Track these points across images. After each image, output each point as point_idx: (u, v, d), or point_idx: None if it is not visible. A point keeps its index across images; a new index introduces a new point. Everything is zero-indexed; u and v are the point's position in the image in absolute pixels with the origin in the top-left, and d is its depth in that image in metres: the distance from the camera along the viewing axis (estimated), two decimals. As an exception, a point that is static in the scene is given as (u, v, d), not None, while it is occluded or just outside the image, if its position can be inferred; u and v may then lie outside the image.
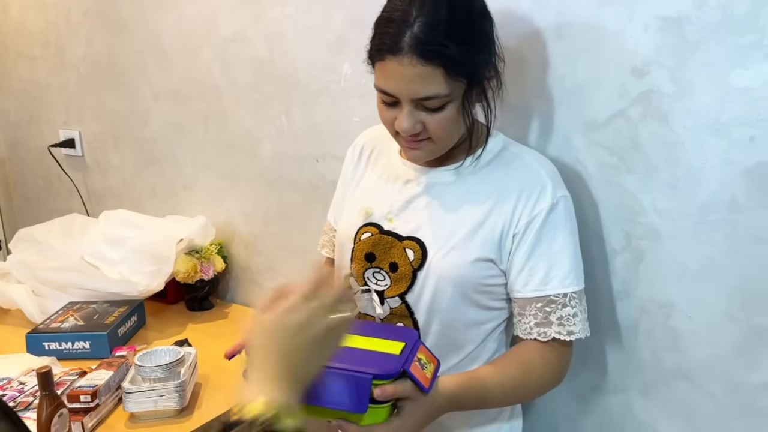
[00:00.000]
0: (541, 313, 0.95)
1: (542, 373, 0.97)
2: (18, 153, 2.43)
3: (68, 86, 2.10)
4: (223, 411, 1.17)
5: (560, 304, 0.94)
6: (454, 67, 0.85)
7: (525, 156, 1.00)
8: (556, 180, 0.97)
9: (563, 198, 0.96)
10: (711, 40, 0.92)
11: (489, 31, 0.91)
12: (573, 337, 0.95)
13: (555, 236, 0.95)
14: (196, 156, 1.76)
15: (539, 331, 0.95)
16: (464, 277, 0.96)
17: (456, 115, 0.90)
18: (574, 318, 0.95)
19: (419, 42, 0.84)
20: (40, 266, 1.61)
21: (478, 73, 0.90)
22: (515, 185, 0.96)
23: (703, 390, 1.04)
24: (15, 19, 2.21)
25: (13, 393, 1.17)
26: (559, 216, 0.95)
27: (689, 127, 0.96)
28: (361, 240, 1.04)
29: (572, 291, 0.95)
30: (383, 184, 1.06)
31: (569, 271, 0.95)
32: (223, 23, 1.58)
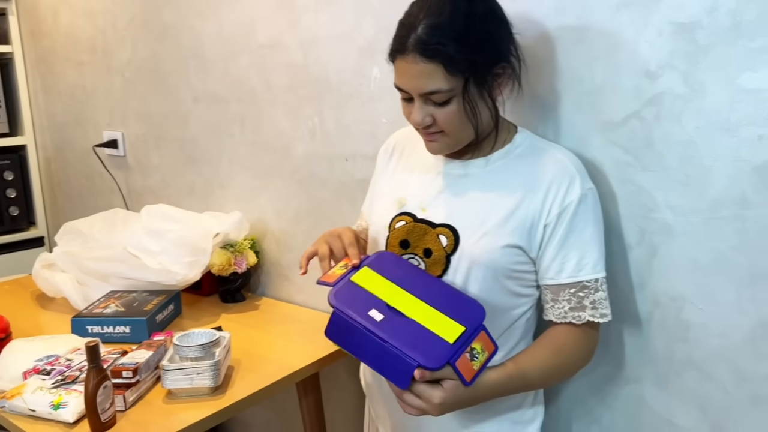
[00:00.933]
0: (575, 298, 1.02)
1: (575, 353, 1.04)
2: (63, 153, 2.56)
3: (113, 90, 2.22)
4: (255, 391, 1.25)
5: (593, 288, 1.02)
6: (452, 63, 0.93)
7: (553, 150, 1.06)
8: (583, 173, 1.04)
9: (590, 190, 1.03)
10: (722, 44, 0.97)
11: (494, 32, 0.98)
12: (605, 319, 1.03)
13: (585, 226, 1.01)
14: (232, 156, 1.85)
15: (574, 315, 1.02)
16: (495, 262, 1.01)
17: (462, 109, 0.97)
18: (605, 301, 1.03)
19: (421, 42, 0.93)
20: (84, 257, 1.71)
21: (478, 70, 0.95)
22: (545, 177, 1.02)
23: (713, 380, 1.07)
24: (65, 26, 2.34)
25: (61, 368, 1.26)
26: (588, 207, 1.01)
27: (701, 127, 1.01)
28: (395, 228, 1.10)
29: (602, 276, 1.02)
30: (416, 177, 1.13)
31: (599, 258, 1.02)
32: (261, 30, 1.67)
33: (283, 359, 1.39)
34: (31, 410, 1.15)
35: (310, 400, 1.50)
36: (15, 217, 2.58)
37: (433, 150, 1.06)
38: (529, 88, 1.18)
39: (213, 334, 1.28)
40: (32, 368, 1.27)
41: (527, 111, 1.19)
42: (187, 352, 1.23)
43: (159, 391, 1.25)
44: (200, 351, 1.23)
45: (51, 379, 1.21)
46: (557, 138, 1.16)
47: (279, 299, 1.79)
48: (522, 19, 1.15)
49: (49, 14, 2.40)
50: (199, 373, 1.21)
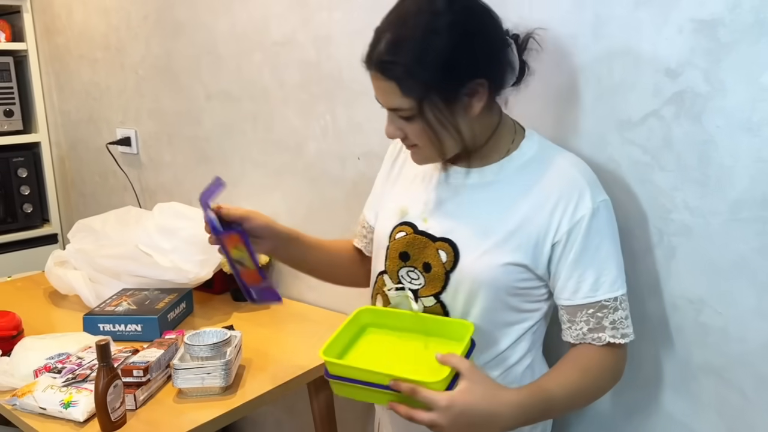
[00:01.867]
0: (593, 319, 0.96)
1: (600, 375, 0.98)
2: (77, 151, 2.57)
3: (126, 87, 2.22)
4: (266, 391, 1.24)
5: (612, 308, 0.96)
6: (406, 85, 0.89)
7: (561, 160, 1.00)
8: (595, 184, 0.98)
9: (603, 203, 0.97)
10: (744, 42, 0.95)
11: (462, 47, 0.89)
12: (627, 339, 0.97)
13: (600, 242, 0.96)
14: (244, 154, 1.84)
15: (593, 336, 0.97)
16: (497, 281, 0.97)
17: (424, 128, 0.93)
18: (626, 320, 0.97)
19: (379, 58, 0.91)
20: (96, 254, 1.71)
21: (435, 93, 0.90)
22: (552, 191, 0.96)
23: (732, 386, 1.05)
24: (79, 24, 2.35)
25: (72, 366, 1.25)
26: (601, 221, 0.96)
27: (721, 127, 0.99)
28: (396, 239, 1.06)
29: (621, 294, 0.97)
30: (419, 183, 1.08)
31: (618, 274, 0.97)
32: (274, 27, 1.66)
33: (294, 359, 1.38)
34: (42, 408, 1.15)
35: (321, 399, 1.49)
36: (29, 214, 2.59)
37: (416, 161, 1.03)
38: (545, 86, 1.16)
39: (224, 334, 1.28)
40: (43, 366, 1.27)
41: (543, 109, 1.17)
42: (198, 352, 1.22)
43: (170, 390, 1.25)
44: (211, 350, 1.22)
45: (62, 378, 1.21)
46: (573, 137, 1.14)
47: (290, 298, 1.78)
48: (539, 16, 1.14)
49: (63, 12, 2.41)
50: (210, 372, 1.20)
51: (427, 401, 0.85)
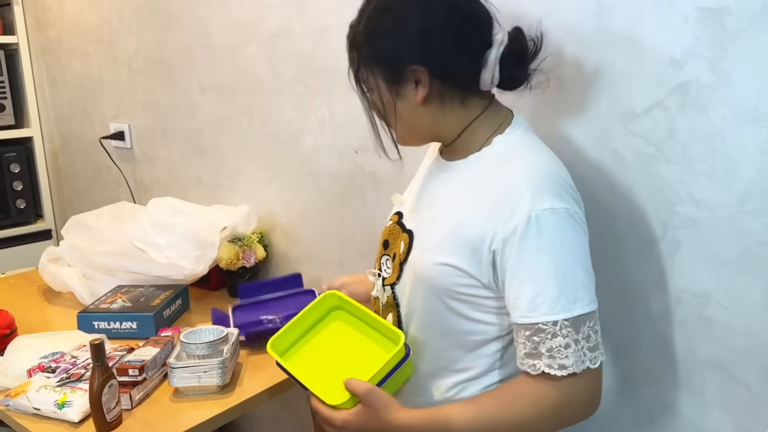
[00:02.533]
0: (529, 343, 0.86)
1: (530, 409, 0.87)
2: (70, 145, 2.54)
3: (119, 81, 2.19)
4: (263, 389, 1.22)
5: (549, 333, 0.85)
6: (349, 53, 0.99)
7: (516, 161, 0.92)
8: (542, 191, 0.87)
9: (549, 211, 0.86)
10: (751, 31, 0.92)
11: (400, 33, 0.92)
12: (565, 371, 0.85)
13: (539, 255, 0.85)
14: (240, 147, 1.82)
15: (529, 362, 0.87)
16: (433, 280, 0.94)
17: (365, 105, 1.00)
18: (566, 349, 0.84)
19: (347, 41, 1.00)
20: (90, 251, 1.68)
21: (361, 66, 0.97)
22: (492, 193, 0.90)
23: (738, 380, 1.03)
24: (70, 16, 2.31)
25: (66, 365, 1.23)
26: (543, 231, 0.85)
27: (727, 117, 0.97)
28: (386, 227, 1.10)
29: (563, 318, 0.84)
30: (420, 174, 1.12)
31: (560, 295, 0.84)
32: (269, 18, 1.63)
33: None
34: (36, 409, 1.13)
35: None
36: (22, 210, 2.56)
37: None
38: (546, 77, 1.13)
39: (221, 331, 1.26)
40: (37, 365, 1.25)
41: (544, 100, 1.15)
42: (195, 350, 1.20)
43: (166, 389, 1.23)
44: (208, 348, 1.20)
45: (56, 377, 1.19)
46: (575, 129, 1.12)
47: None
48: (542, 6, 1.12)
49: (54, 4, 2.37)
50: (207, 371, 1.18)
51: (326, 419, 0.95)
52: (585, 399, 0.89)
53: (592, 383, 0.89)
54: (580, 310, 0.85)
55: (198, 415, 1.14)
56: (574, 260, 0.87)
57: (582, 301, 0.86)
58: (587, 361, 0.86)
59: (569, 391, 0.87)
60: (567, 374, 0.85)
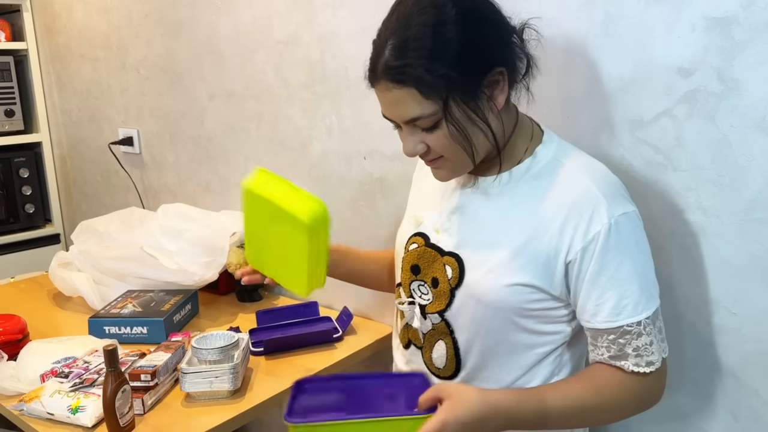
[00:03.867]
0: (614, 346, 0.88)
1: (618, 397, 0.90)
2: (79, 150, 2.56)
3: (128, 87, 2.20)
4: (273, 394, 1.23)
5: (635, 333, 0.87)
6: (425, 85, 0.82)
7: (576, 168, 0.92)
8: (614, 195, 0.89)
9: (624, 216, 0.87)
10: (759, 40, 0.93)
11: (474, 37, 0.83)
12: (653, 367, 0.88)
13: (621, 260, 0.87)
14: (248, 153, 1.83)
15: (615, 363, 0.90)
16: (503, 302, 0.91)
17: (451, 133, 0.86)
18: (651, 346, 0.88)
19: (388, 67, 0.83)
20: (100, 256, 1.70)
21: (458, 87, 0.84)
22: (563, 205, 0.89)
23: (747, 387, 1.04)
24: (79, 22, 2.33)
25: (79, 370, 1.24)
26: (621, 236, 0.87)
27: (736, 126, 0.97)
28: (409, 250, 1.03)
29: (645, 317, 0.87)
30: (436, 191, 1.04)
31: (641, 295, 0.87)
32: (277, 26, 1.65)
33: (302, 361, 1.37)
34: (50, 414, 1.14)
35: (328, 401, 1.49)
36: (31, 214, 2.58)
37: (440, 178, 0.96)
38: (555, 85, 1.15)
39: (232, 337, 1.27)
40: (50, 370, 1.26)
41: (554, 108, 1.16)
42: (206, 355, 1.21)
43: (177, 394, 1.24)
44: (219, 354, 1.21)
45: (69, 382, 1.20)
46: (584, 137, 1.13)
47: (296, 298, 1.77)
48: (549, 14, 1.13)
49: (64, 11, 2.39)
50: (218, 376, 1.19)
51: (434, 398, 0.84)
52: (662, 386, 0.94)
53: (665, 371, 0.94)
54: (655, 305, 0.90)
55: (209, 420, 1.15)
56: (647, 260, 0.91)
57: (655, 296, 0.91)
58: (664, 352, 0.92)
59: (652, 381, 0.91)
60: (654, 370, 0.89)
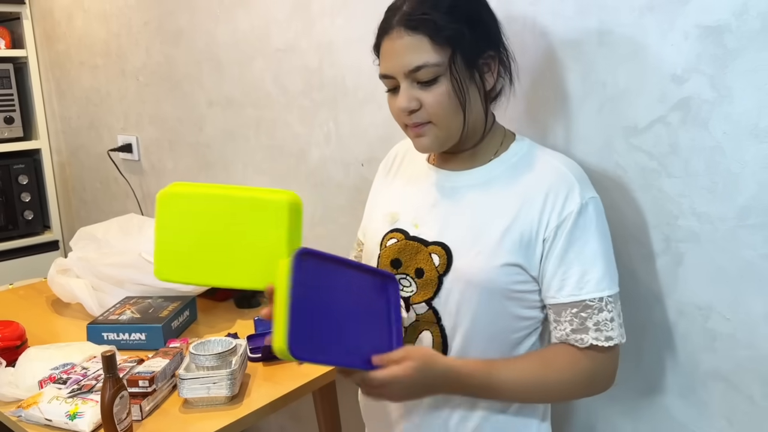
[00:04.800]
0: (577, 319, 0.93)
1: (568, 373, 0.94)
2: (78, 157, 2.57)
3: (127, 94, 2.22)
4: (271, 400, 1.24)
5: (596, 308, 0.93)
6: (439, 33, 0.89)
7: (550, 158, 0.99)
8: (584, 181, 0.97)
9: (592, 200, 0.95)
10: (751, 48, 0.94)
11: (482, 13, 0.95)
12: (611, 342, 0.93)
13: (587, 239, 0.94)
14: (247, 160, 1.84)
15: (576, 337, 0.94)
16: (493, 282, 0.95)
17: (450, 90, 0.92)
18: (612, 323, 0.93)
19: (404, 15, 0.91)
20: (99, 262, 1.70)
21: (465, 44, 0.91)
22: (542, 187, 0.95)
23: (741, 392, 1.05)
24: (79, 30, 2.34)
25: (77, 377, 1.25)
26: (589, 218, 0.94)
27: (729, 133, 0.98)
28: (387, 246, 1.04)
29: (608, 295, 0.93)
30: (410, 189, 1.07)
31: (604, 274, 0.93)
32: (276, 34, 1.66)
33: (299, 367, 1.38)
34: (48, 420, 1.15)
35: (326, 407, 1.49)
36: (30, 221, 2.59)
37: (422, 146, 0.98)
38: (550, 92, 1.16)
39: (229, 343, 1.27)
40: (48, 377, 1.26)
41: (549, 115, 1.17)
42: (204, 361, 1.22)
43: (175, 400, 1.24)
44: (217, 360, 1.22)
45: (67, 388, 1.21)
46: (579, 143, 1.14)
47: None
48: (543, 22, 1.14)
49: (64, 18, 2.41)
50: (216, 382, 1.20)
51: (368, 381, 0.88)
52: (612, 371, 0.97)
53: (617, 357, 0.97)
54: (616, 288, 0.95)
55: (207, 426, 1.15)
56: (609, 245, 0.97)
57: (616, 281, 0.96)
58: (621, 337, 0.95)
59: (605, 362, 0.95)
60: (612, 345, 0.93)
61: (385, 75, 0.96)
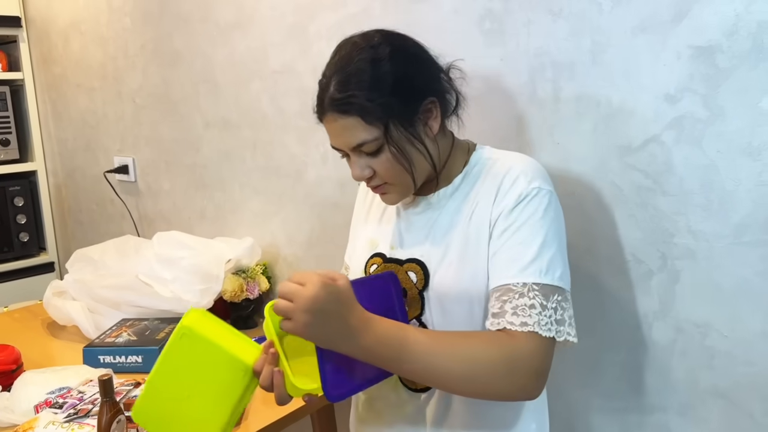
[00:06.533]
0: (497, 303, 0.90)
1: (481, 348, 0.87)
2: (74, 179, 2.57)
3: (124, 116, 2.22)
4: (269, 423, 1.23)
5: (517, 293, 0.89)
6: (367, 113, 0.91)
7: (504, 159, 1.01)
8: (538, 174, 0.96)
9: (543, 191, 0.93)
10: (742, 68, 0.96)
11: (407, 71, 0.94)
12: (526, 328, 0.87)
13: (523, 224, 0.92)
14: (244, 181, 1.85)
15: (493, 321, 0.90)
16: (467, 291, 0.95)
17: (392, 157, 0.94)
18: (531, 309, 0.88)
19: (333, 100, 0.93)
20: (95, 284, 1.70)
21: (396, 113, 0.92)
22: (494, 184, 0.97)
23: (741, 409, 1.05)
24: (75, 53, 2.36)
25: (73, 401, 1.24)
26: (531, 205, 0.92)
27: (722, 151, 0.99)
28: (370, 272, 1.07)
29: (533, 282, 0.89)
30: (388, 216, 1.10)
31: (531, 262, 0.90)
32: (272, 56, 1.67)
33: (297, 388, 1.37)
34: (44, 445, 1.13)
35: (324, 429, 1.48)
36: (25, 243, 2.58)
37: (389, 202, 1.03)
38: (544, 113, 1.17)
39: (227, 365, 1.26)
40: (44, 401, 1.25)
41: (543, 134, 1.18)
42: (201, 384, 1.20)
43: (172, 424, 1.23)
44: (214, 382, 1.21)
45: (63, 413, 1.19)
46: (573, 163, 1.15)
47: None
48: (538, 45, 1.15)
49: (60, 41, 2.42)
50: (214, 405, 1.19)
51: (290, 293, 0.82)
52: (535, 363, 0.88)
53: (546, 353, 0.89)
54: (549, 281, 0.89)
55: (205, 450, 1.14)
56: (552, 236, 0.92)
57: (552, 275, 0.90)
58: (552, 330, 0.88)
59: (523, 344, 0.87)
60: (526, 331, 0.87)
61: (334, 147, 0.99)
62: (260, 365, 0.89)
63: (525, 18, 1.17)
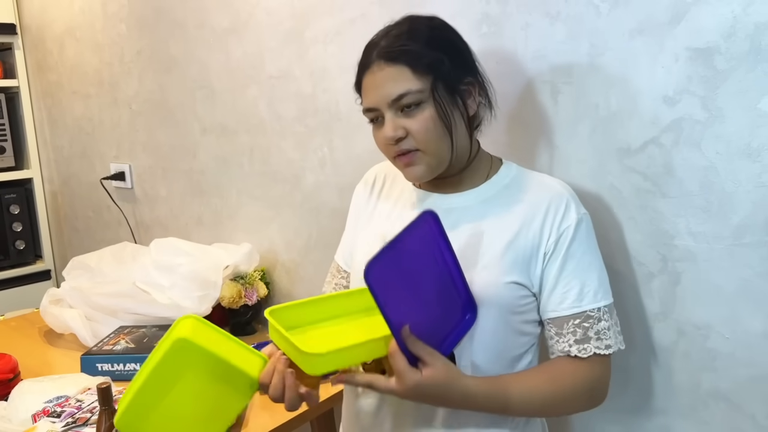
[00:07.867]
0: (580, 330, 0.95)
1: (573, 385, 0.96)
2: (70, 186, 2.56)
3: (120, 122, 2.22)
4: (269, 430, 1.22)
5: (596, 318, 0.96)
6: (418, 60, 0.92)
7: (543, 178, 1.03)
8: (576, 198, 1.00)
9: (585, 215, 0.99)
10: (740, 69, 0.96)
11: (457, 42, 0.98)
12: (610, 350, 0.96)
13: (584, 252, 0.97)
14: (241, 186, 1.84)
15: (579, 348, 0.95)
16: (499, 297, 0.95)
17: (435, 115, 0.93)
18: (609, 331, 0.96)
19: (383, 49, 0.94)
20: (92, 292, 1.69)
21: (445, 71, 0.93)
22: (541, 204, 0.98)
23: (743, 412, 1.04)
24: (71, 60, 2.35)
25: (71, 410, 1.23)
26: (584, 232, 0.97)
27: (721, 153, 0.99)
28: None
29: (604, 304, 0.97)
30: (399, 211, 1.06)
31: (599, 285, 0.97)
32: (269, 61, 1.67)
33: (297, 395, 1.36)
34: (42, 455, 1.13)
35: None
36: (21, 251, 2.57)
37: (413, 175, 0.98)
38: (542, 116, 1.17)
39: (226, 372, 1.25)
40: (42, 410, 1.24)
41: (541, 137, 1.18)
42: (201, 391, 1.20)
43: (172, 431, 1.22)
44: (214, 389, 1.20)
45: (61, 422, 1.19)
46: (573, 165, 1.15)
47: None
48: (534, 46, 1.15)
49: (56, 48, 2.41)
50: (213, 412, 1.18)
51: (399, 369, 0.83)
52: (607, 380, 0.99)
53: (610, 367, 1.00)
54: (611, 299, 0.99)
55: (205, 458, 1.13)
56: (600, 258, 1.00)
57: (609, 293, 0.99)
58: (619, 342, 0.99)
59: (603, 371, 0.98)
60: (611, 353, 0.96)
61: (368, 108, 0.96)
62: (267, 376, 0.87)
63: (522, 21, 1.17)
